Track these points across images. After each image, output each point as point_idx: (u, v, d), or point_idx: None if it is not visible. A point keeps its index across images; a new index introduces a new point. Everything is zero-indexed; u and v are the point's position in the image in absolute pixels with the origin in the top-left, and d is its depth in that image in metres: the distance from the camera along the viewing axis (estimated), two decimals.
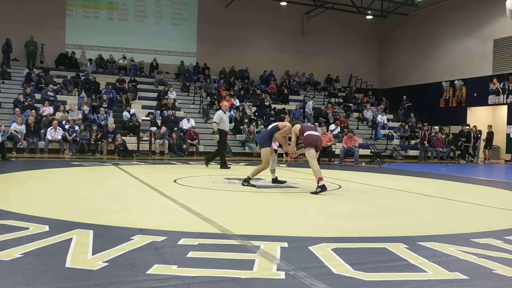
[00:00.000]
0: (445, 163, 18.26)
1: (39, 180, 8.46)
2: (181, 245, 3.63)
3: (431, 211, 5.72)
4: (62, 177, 9.18)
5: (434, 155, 19.80)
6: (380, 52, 28.35)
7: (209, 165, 12.12)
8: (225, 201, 6.36)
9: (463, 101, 22.96)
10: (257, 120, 19.39)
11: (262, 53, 25.02)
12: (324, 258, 3.34)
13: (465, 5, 22.50)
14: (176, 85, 22.30)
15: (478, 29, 21.97)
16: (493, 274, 3.08)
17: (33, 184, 7.76)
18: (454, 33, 23.14)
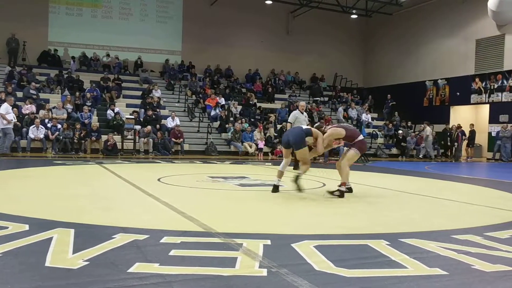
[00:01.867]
0: (428, 162, 18.47)
1: (20, 179, 8.34)
2: (163, 243, 3.62)
3: (414, 209, 5.78)
4: (44, 176, 9.06)
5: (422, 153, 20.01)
6: (365, 51, 28.54)
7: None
8: (209, 199, 6.34)
9: (446, 100, 23.24)
10: (242, 119, 19.37)
11: (248, 51, 25.00)
12: (306, 255, 3.35)
13: (448, 5, 22.77)
14: (161, 83, 22.17)
15: (460, 29, 22.26)
16: (472, 269, 3.13)
17: (14, 183, 7.64)
18: (437, 32, 23.40)
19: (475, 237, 4.11)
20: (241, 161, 15.18)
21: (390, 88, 25.54)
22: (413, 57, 24.90)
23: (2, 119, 13.58)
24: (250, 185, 8.01)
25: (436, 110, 23.48)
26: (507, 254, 3.53)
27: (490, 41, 20.96)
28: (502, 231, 4.42)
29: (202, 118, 19.52)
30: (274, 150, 17.94)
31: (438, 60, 23.42)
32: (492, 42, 20.87)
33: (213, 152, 17.24)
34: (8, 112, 13.74)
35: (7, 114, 13.67)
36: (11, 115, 13.90)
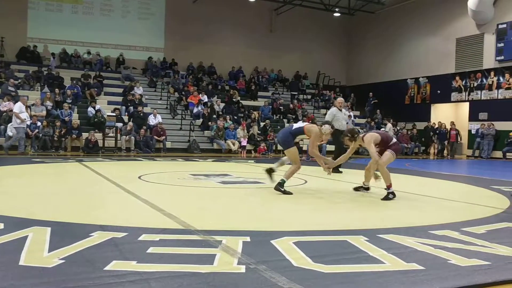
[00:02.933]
0: (409, 159, 18.68)
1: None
2: (141, 241, 3.58)
3: (393, 205, 5.83)
4: (22, 174, 8.90)
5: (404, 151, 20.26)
6: (348, 50, 28.72)
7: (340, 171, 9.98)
8: (189, 197, 6.31)
9: (427, 98, 23.53)
10: (225, 116, 19.33)
11: (231, 49, 24.95)
12: (285, 251, 3.35)
13: (429, 4, 23.03)
14: (143, 80, 22.00)
15: (441, 28, 22.54)
16: (448, 264, 3.16)
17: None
18: (418, 31, 23.66)
19: (452, 233, 4.16)
20: (224, 158, 15.15)
21: (372, 86, 25.76)
22: (395, 56, 25.15)
23: (15, 118, 13.73)
24: (232, 182, 7.99)
25: (417, 108, 23.76)
26: (483, 249, 3.59)
27: (470, 40, 21.27)
28: (479, 226, 4.48)
29: (185, 115, 19.42)
30: (257, 148, 17.95)
31: (420, 59, 23.70)
32: (472, 41, 21.18)
33: (196, 149, 17.17)
34: (22, 111, 13.91)
35: (20, 113, 13.80)
36: (25, 114, 14.08)
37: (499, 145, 19.43)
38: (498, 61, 20.04)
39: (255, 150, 18.06)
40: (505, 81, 19.82)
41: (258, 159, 15.40)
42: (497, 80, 20.13)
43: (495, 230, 4.34)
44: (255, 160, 14.99)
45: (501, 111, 19.66)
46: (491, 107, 20.33)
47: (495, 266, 3.14)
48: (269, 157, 16.85)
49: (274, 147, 18.11)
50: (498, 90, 20.11)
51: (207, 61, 24.40)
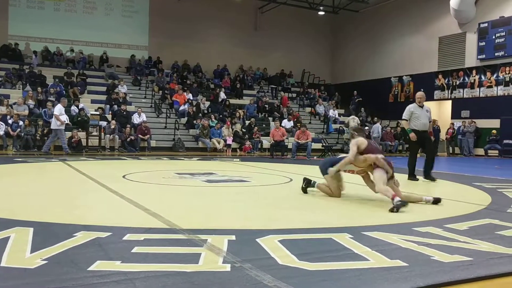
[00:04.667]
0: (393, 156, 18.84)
1: None
2: (126, 240, 3.55)
3: (377, 202, 5.87)
4: (4, 174, 8.76)
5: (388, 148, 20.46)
6: (332, 48, 28.85)
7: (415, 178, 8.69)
8: (174, 196, 6.28)
9: (410, 96, 23.71)
10: (210, 115, 19.28)
11: (216, 47, 24.87)
12: (270, 249, 3.36)
13: (412, 3, 23.25)
14: (127, 79, 21.81)
15: (424, 27, 22.78)
16: (431, 260, 3.20)
17: None
18: (402, 30, 23.88)
19: (436, 229, 4.22)
20: (209, 157, 15.11)
21: (357, 84, 25.93)
22: (379, 54, 25.34)
23: (55, 120, 13.94)
24: (217, 181, 7.98)
25: (401, 106, 23.80)
26: (465, 245, 3.64)
27: (452, 39, 21.54)
28: (461, 222, 4.55)
29: (169, 114, 19.31)
30: (243, 146, 17.94)
31: (403, 57, 23.92)
32: (454, 40, 21.45)
33: (181, 148, 17.09)
34: (62, 114, 14.17)
35: (60, 116, 14.05)
36: (64, 116, 14.43)
37: (481, 143, 19.73)
38: (479, 59, 20.33)
39: (240, 149, 18.04)
40: (486, 79, 20.13)
41: (243, 158, 15.40)
42: (479, 78, 20.43)
43: (477, 227, 4.41)
44: (240, 158, 14.98)
45: (483, 109, 19.96)
46: (473, 105, 20.63)
47: (477, 262, 3.19)
48: (254, 156, 16.86)
49: (259, 146, 18.12)
50: (479, 88, 20.41)
51: (192, 59, 24.29)
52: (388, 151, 20.35)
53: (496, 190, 7.21)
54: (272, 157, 15.80)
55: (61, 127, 14.11)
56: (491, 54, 19.78)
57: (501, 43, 19.34)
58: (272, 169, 10.84)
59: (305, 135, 16.20)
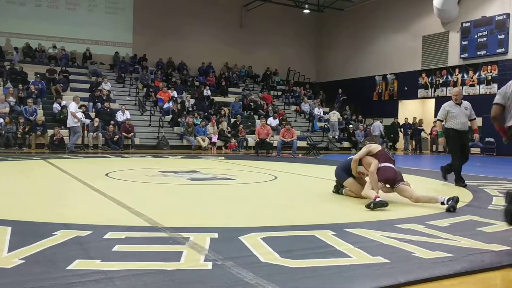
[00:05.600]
0: None
1: None
2: (107, 239, 3.51)
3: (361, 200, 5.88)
4: None
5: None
6: (317, 46, 28.94)
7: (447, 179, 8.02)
8: (157, 194, 6.23)
9: (394, 94, 23.98)
10: (195, 112, 19.20)
11: (201, 44, 24.75)
12: (253, 247, 3.34)
13: (396, 2, 23.44)
14: (111, 76, 21.59)
15: (408, 26, 22.98)
16: (412, 256, 3.22)
17: None
18: (386, 29, 24.06)
19: (418, 226, 4.24)
20: (194, 155, 15.04)
21: (342, 82, 26.06)
22: (363, 53, 25.49)
23: (72, 117, 14.19)
24: (201, 179, 7.94)
25: (385, 104, 24.17)
26: (446, 241, 3.67)
27: (435, 38, 21.77)
28: (443, 219, 4.58)
29: (154, 111, 19.18)
30: (228, 144, 17.90)
31: (387, 56, 24.10)
32: (438, 38, 21.68)
33: (165, 146, 16.99)
34: (77, 111, 14.54)
35: (76, 113, 14.41)
36: (80, 113, 14.78)
37: None
38: (462, 58, 20.59)
39: (225, 147, 18.00)
40: (469, 78, 20.39)
41: (228, 156, 15.36)
42: (462, 77, 20.68)
43: (458, 223, 4.45)
44: (225, 156, 14.94)
45: None
46: None
47: (457, 258, 3.21)
48: (239, 154, 16.84)
49: (244, 144, 18.10)
50: (462, 87, 20.66)
51: (177, 57, 24.14)
52: None
53: (478, 187, 7.31)
54: (257, 155, 15.79)
55: (77, 124, 14.46)
56: (473, 53, 20.04)
57: (483, 42, 19.60)
58: (257, 167, 10.83)
59: (290, 133, 16.23)
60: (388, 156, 5.69)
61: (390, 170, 5.46)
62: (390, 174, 5.42)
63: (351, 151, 20.10)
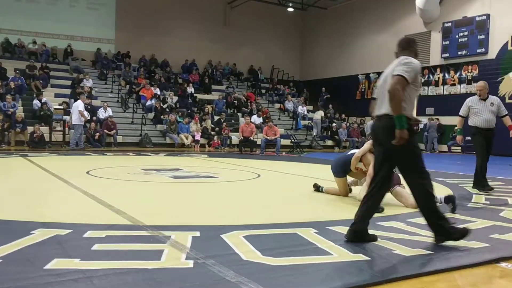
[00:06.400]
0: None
1: None
2: (86, 237, 3.46)
3: (344, 198, 5.92)
4: None
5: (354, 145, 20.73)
6: (301, 45, 29.00)
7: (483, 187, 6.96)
8: (139, 192, 6.17)
9: None
10: (178, 110, 19.08)
11: (184, 41, 24.57)
12: (235, 245, 3.33)
13: (379, 2, 23.60)
14: (93, 73, 21.30)
15: (391, 25, 23.16)
16: (392, 254, 3.25)
17: None
18: (369, 28, 24.21)
19: (399, 224, 4.29)
20: (177, 153, 14.96)
21: (325, 81, 26.16)
22: (346, 51, 25.63)
23: (79, 115, 14.58)
24: (184, 177, 7.89)
25: (368, 103, 24.33)
26: (426, 239, 3.71)
27: (417, 37, 21.90)
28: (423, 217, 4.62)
29: (136, 109, 19.00)
30: (211, 142, 17.84)
31: (370, 55, 24.25)
32: (419, 38, 21.85)
33: (148, 144, 16.85)
34: (84, 110, 15.00)
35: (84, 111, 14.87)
36: (86, 112, 15.25)
37: (444, 139, 20.27)
38: (443, 58, 20.84)
39: (209, 144, 17.93)
40: (450, 77, 20.66)
41: (211, 153, 15.31)
42: (443, 76, 20.95)
43: None
44: (208, 154, 14.89)
45: (447, 107, 20.47)
46: (437, 102, 21.14)
47: (437, 255, 3.25)
48: (222, 152, 16.79)
49: (228, 141, 18.06)
50: (443, 86, 20.94)
51: (160, 53, 23.92)
52: (356, 147, 20.63)
53: (458, 185, 7.40)
54: (241, 153, 15.77)
55: (82, 123, 14.88)
56: (454, 53, 20.30)
57: (464, 42, 19.88)
58: (240, 165, 10.82)
59: (272, 131, 16.24)
60: None
61: None
62: None
63: (334, 150, 20.23)
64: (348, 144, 20.84)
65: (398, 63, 3.60)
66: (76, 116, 14.54)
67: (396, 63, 3.63)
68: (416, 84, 3.61)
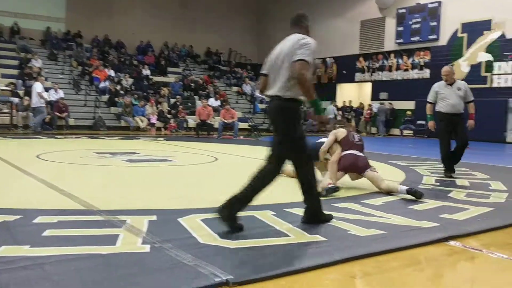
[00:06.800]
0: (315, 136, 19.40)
1: None
2: (37, 223, 3.33)
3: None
4: None
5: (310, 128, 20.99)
6: (258, 28, 28.85)
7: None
8: (93, 176, 6.00)
9: (333, 77, 24.49)
10: (133, 92, 18.63)
11: (139, 22, 23.85)
12: (192, 229, 3.30)
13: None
14: (42, 52, 20.39)
15: (347, 10, 23.41)
16: (348, 234, 3.32)
17: None
18: (325, 13, 24.33)
19: (354, 205, 4.38)
20: (132, 136, 14.64)
21: None
22: None
23: (38, 98, 14.40)
24: (139, 160, 7.74)
25: (324, 87, 24.64)
26: (380, 219, 3.81)
27: (373, 23, 22.36)
28: (377, 198, 4.76)
29: (89, 91, 18.39)
30: (168, 125, 17.56)
31: (327, 39, 24.42)
32: (375, 23, 22.28)
33: (102, 127, 16.39)
34: (43, 91, 14.73)
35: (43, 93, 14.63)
36: (46, 93, 15.00)
37: (397, 123, 20.87)
38: (397, 43, 21.32)
39: (165, 128, 17.66)
40: (403, 63, 21.19)
41: (168, 137, 15.09)
42: (397, 62, 21.46)
43: (391, 202, 4.64)
44: (165, 137, 14.66)
45: (400, 91, 21.04)
46: (391, 87, 21.68)
47: (391, 235, 3.35)
48: (179, 135, 16.59)
49: (184, 125, 17.84)
50: (397, 71, 21.47)
51: (113, 34, 23.15)
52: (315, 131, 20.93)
53: (410, 168, 7.65)
54: (198, 137, 15.63)
55: (43, 104, 14.67)
56: (407, 39, 20.80)
57: (417, 28, 20.39)
58: (197, 148, 10.72)
59: (229, 114, 16.17)
60: (351, 143, 5.44)
61: (350, 157, 5.29)
62: (348, 162, 5.26)
63: None
64: (305, 127, 21.10)
65: (296, 43, 3.48)
66: (35, 98, 14.32)
67: (293, 42, 3.51)
68: (311, 64, 3.54)
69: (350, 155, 5.30)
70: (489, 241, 3.40)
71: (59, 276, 2.33)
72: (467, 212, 4.23)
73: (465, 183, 6.14)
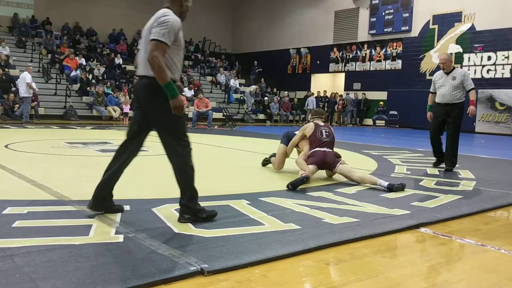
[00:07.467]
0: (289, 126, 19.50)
1: None
2: (6, 214, 3.25)
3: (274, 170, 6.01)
4: None
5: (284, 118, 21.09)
6: (233, 17, 28.67)
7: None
8: (64, 166, 5.88)
9: (307, 68, 24.59)
10: (106, 81, 18.29)
11: (111, 9, 23.38)
12: (166, 218, 3.29)
13: None
14: (10, 39, 19.78)
15: (321, 1, 23.47)
16: (322, 222, 3.36)
17: None
18: (300, 3, 24.37)
19: (327, 193, 4.43)
20: (105, 126, 14.41)
21: (257, 54, 26.17)
22: (278, 26, 25.71)
23: (27, 87, 14.12)
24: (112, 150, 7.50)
25: (299, 78, 24.75)
26: (353, 208, 3.87)
27: (347, 13, 22.51)
28: (350, 187, 4.83)
29: (60, 79, 17.96)
30: None
31: (301, 29, 24.53)
32: (349, 14, 22.43)
33: (73, 116, 16.06)
34: (32, 81, 14.55)
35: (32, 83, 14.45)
36: (34, 84, 14.82)
37: (369, 114, 21.16)
38: (370, 34, 21.55)
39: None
40: (376, 53, 21.44)
41: None
42: (370, 52, 21.70)
43: (364, 190, 4.71)
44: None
45: (372, 82, 21.32)
46: (364, 78, 21.93)
47: (363, 222, 3.40)
48: None
49: None
50: (370, 62, 21.71)
51: (84, 21, 22.61)
52: (288, 121, 21.02)
53: (382, 157, 7.78)
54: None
55: (31, 95, 14.45)
56: (380, 30, 21.04)
57: (390, 20, 20.63)
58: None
59: (203, 103, 16.08)
60: (319, 140, 5.34)
61: (318, 154, 5.24)
62: (317, 159, 5.20)
63: (266, 123, 20.46)
64: (279, 118, 21.17)
65: (156, 20, 3.17)
66: (24, 88, 14.11)
67: (154, 19, 3.21)
68: (177, 43, 3.20)
69: (319, 151, 5.27)
70: (458, 228, 3.50)
71: (30, 268, 2.28)
72: (437, 199, 4.34)
73: (435, 171, 6.29)
